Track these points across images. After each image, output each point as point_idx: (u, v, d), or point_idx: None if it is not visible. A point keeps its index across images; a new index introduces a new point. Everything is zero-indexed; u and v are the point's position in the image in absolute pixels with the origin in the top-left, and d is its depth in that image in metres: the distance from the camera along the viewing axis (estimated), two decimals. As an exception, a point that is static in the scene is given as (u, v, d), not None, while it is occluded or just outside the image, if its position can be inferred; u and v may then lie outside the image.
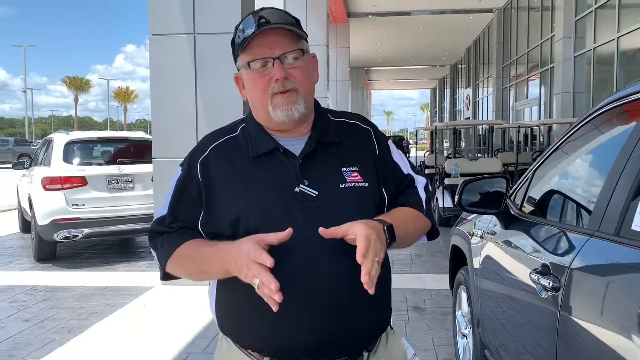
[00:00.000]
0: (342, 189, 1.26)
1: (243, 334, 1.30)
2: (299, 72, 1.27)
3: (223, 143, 1.34)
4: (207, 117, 5.17)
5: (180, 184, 1.34)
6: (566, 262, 1.65)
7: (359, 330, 1.28)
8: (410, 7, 20.75)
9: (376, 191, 1.31)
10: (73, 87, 77.19)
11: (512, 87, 20.83)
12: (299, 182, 1.25)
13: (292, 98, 1.25)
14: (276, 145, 1.29)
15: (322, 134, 1.32)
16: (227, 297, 1.32)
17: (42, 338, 3.96)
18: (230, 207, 1.26)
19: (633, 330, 1.28)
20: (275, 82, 1.24)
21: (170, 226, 1.33)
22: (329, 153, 1.30)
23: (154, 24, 5.24)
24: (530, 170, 2.45)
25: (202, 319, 4.26)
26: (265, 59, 1.25)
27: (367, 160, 1.33)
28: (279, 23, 1.23)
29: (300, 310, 1.21)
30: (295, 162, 1.27)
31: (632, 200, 1.46)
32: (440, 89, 45.27)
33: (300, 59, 1.27)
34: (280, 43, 1.25)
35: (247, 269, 1.11)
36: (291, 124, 1.29)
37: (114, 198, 6.55)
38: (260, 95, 1.27)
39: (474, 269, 2.75)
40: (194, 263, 1.29)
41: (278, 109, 1.25)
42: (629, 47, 10.89)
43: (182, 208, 1.32)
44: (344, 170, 1.29)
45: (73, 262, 6.63)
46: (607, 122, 1.93)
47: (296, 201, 1.24)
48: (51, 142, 7.04)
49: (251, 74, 1.27)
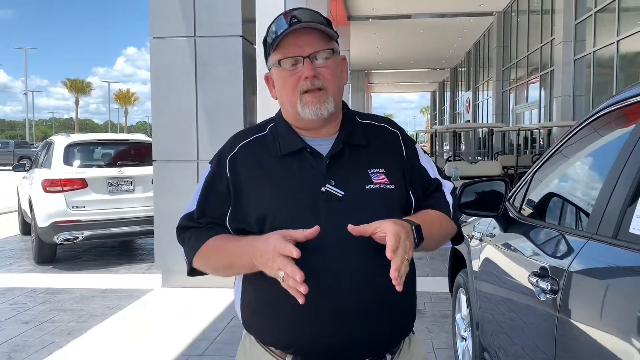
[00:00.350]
0: (368, 190, 1.27)
1: (267, 331, 1.31)
2: (329, 71, 1.28)
3: (251, 142, 1.36)
4: (208, 119, 5.18)
5: (209, 180, 1.36)
6: (564, 265, 1.65)
7: (383, 332, 1.27)
8: (411, 10, 20.79)
9: (403, 194, 1.31)
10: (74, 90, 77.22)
11: (512, 90, 20.85)
12: (325, 181, 1.26)
13: (322, 97, 1.27)
14: (304, 145, 1.30)
15: (350, 135, 1.33)
16: (252, 295, 1.33)
17: (42, 340, 3.96)
18: (257, 204, 1.27)
19: (631, 333, 1.28)
20: (305, 80, 1.26)
21: (198, 222, 1.35)
22: (355, 154, 1.31)
23: (155, 26, 5.25)
24: (529, 173, 2.45)
25: (202, 322, 4.26)
26: (295, 57, 1.26)
27: (394, 162, 1.34)
28: (310, 22, 1.25)
29: (324, 310, 1.21)
30: (322, 161, 1.28)
31: (630, 203, 1.47)
32: (441, 92, 45.30)
33: (331, 59, 1.29)
34: (311, 42, 1.26)
35: (272, 261, 1.11)
36: (319, 123, 1.30)
37: (114, 200, 6.55)
38: (289, 94, 1.29)
39: (473, 272, 2.76)
40: (221, 257, 1.30)
41: (307, 108, 1.27)
42: (629, 51, 10.91)
43: (210, 204, 1.34)
44: (371, 171, 1.29)
45: (73, 265, 6.63)
46: (606, 125, 1.93)
47: (322, 200, 1.24)
48: (52, 144, 7.05)
49: (281, 72, 1.29)
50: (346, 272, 1.21)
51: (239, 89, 5.14)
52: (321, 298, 1.20)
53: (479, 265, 2.65)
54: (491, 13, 21.72)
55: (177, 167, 5.22)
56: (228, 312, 4.50)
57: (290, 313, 1.20)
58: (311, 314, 1.20)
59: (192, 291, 5.10)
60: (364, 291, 1.22)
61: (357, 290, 1.22)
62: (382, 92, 60.87)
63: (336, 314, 1.22)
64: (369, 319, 1.24)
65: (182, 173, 5.19)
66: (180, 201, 5.49)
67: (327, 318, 1.22)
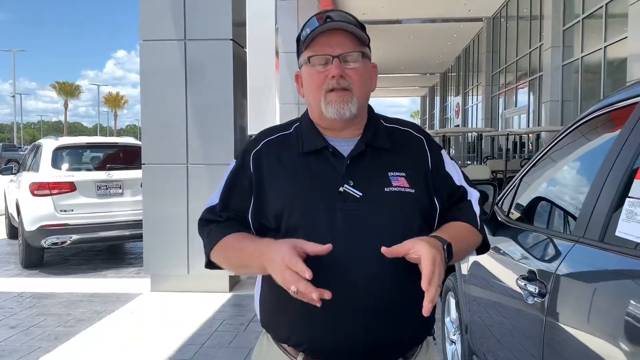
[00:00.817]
0: (386, 192, 1.27)
1: (281, 328, 1.31)
2: (356, 73, 1.29)
3: (276, 139, 1.38)
4: (197, 123, 5.16)
5: (233, 175, 1.37)
6: (552, 268, 1.66)
7: (399, 334, 1.27)
8: (401, 15, 20.91)
9: (424, 199, 1.30)
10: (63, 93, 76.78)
11: (501, 95, 21.00)
12: (344, 182, 1.26)
13: (346, 97, 1.28)
14: (326, 144, 1.32)
15: (373, 137, 1.34)
16: (269, 293, 1.33)
17: (29, 345, 3.92)
18: (276, 200, 1.28)
19: (618, 335, 1.29)
20: (331, 78, 1.27)
21: (220, 215, 1.36)
22: (377, 157, 1.32)
23: (145, 29, 5.23)
24: (517, 177, 2.47)
25: (191, 326, 4.24)
26: (325, 56, 1.28)
27: (417, 167, 1.33)
28: (342, 21, 1.28)
29: (337, 309, 1.20)
30: (343, 162, 1.29)
31: (616, 207, 1.48)
32: (431, 97, 45.53)
33: (360, 62, 1.31)
34: (342, 43, 1.29)
35: (281, 274, 1.11)
36: (342, 123, 1.31)
37: (103, 204, 6.50)
38: (315, 91, 1.30)
39: (462, 275, 2.77)
40: (237, 255, 1.30)
41: (330, 106, 1.28)
42: (616, 56, 11.03)
43: (234, 198, 1.35)
44: (391, 174, 1.29)
45: (61, 269, 6.57)
46: (593, 130, 1.95)
47: (339, 201, 1.25)
48: (40, 147, 6.99)
49: (310, 69, 1.31)
50: (361, 273, 1.21)
51: (229, 93, 5.13)
52: (335, 298, 1.18)
53: (468, 269, 2.66)
54: (480, 19, 21.90)
55: (166, 170, 5.19)
56: (217, 317, 4.48)
57: (304, 311, 1.19)
58: (325, 313, 1.19)
59: (181, 296, 5.07)
60: (379, 293, 1.22)
61: (372, 292, 1.22)
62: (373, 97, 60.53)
63: (350, 315, 1.22)
64: (382, 320, 1.24)
65: (171, 176, 5.17)
66: (170, 205, 5.48)
67: (340, 318, 1.22)
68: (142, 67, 5.26)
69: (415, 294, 1.21)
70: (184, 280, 5.16)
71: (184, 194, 5.13)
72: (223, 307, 4.72)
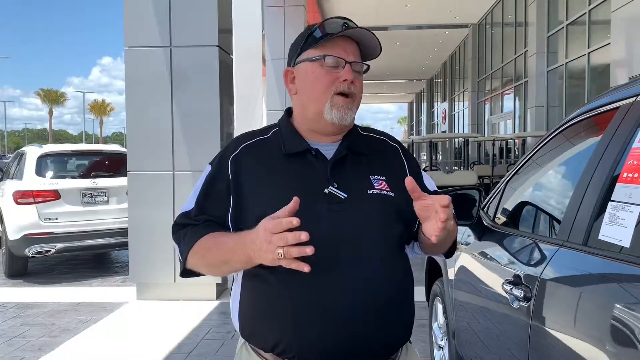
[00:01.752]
0: (370, 194, 1.29)
1: (265, 336, 1.28)
2: (359, 84, 1.34)
3: (255, 143, 1.37)
4: (183, 130, 5.13)
5: (210, 180, 1.36)
6: (537, 273, 1.67)
7: (385, 336, 1.27)
8: (388, 22, 21.02)
9: (403, 203, 1.29)
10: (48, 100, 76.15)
11: (487, 101, 21.16)
12: (328, 183, 1.28)
13: (351, 104, 1.32)
14: (308, 147, 1.33)
15: (353, 143, 1.36)
16: (249, 300, 1.31)
17: (12, 356, 3.85)
18: (258, 203, 1.27)
19: (602, 338, 1.29)
20: (343, 82, 1.29)
21: (196, 219, 1.34)
22: (358, 161, 1.34)
23: (130, 36, 5.20)
24: (503, 181, 2.48)
25: (177, 335, 4.20)
26: (339, 59, 1.30)
27: (395, 173, 1.37)
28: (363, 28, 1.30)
29: (325, 314, 1.20)
30: (326, 164, 1.30)
31: (599, 211, 1.49)
32: (417, 103, 45.77)
33: (362, 75, 1.36)
34: (355, 52, 1.33)
35: (267, 243, 1.09)
36: (336, 128, 1.33)
37: (88, 212, 6.44)
38: (320, 91, 1.30)
39: (449, 280, 2.77)
40: (216, 253, 1.27)
41: (335, 109, 1.30)
42: (599, 62, 11.17)
43: (210, 203, 1.34)
44: (372, 177, 1.32)
45: (45, 278, 6.48)
46: (577, 134, 1.97)
47: (325, 202, 1.25)
48: (23, 155, 6.92)
49: (318, 68, 1.31)
50: (346, 275, 1.21)
51: (216, 99, 5.11)
52: (322, 299, 1.20)
53: (455, 274, 2.66)
54: (466, 25, 22.08)
55: (152, 178, 5.16)
56: (203, 325, 4.44)
57: (287, 317, 1.20)
58: (310, 319, 1.19)
59: (167, 304, 5.02)
60: (363, 294, 1.22)
61: (357, 293, 1.22)
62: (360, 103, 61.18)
63: (336, 319, 1.21)
64: (369, 325, 1.23)
65: (157, 184, 5.13)
66: (156, 212, 5.44)
67: (326, 323, 1.21)
68: (128, 73, 5.23)
69: (399, 295, 1.21)
70: (170, 288, 5.12)
71: (169, 201, 5.09)
72: (210, 315, 4.69)
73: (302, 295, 1.20)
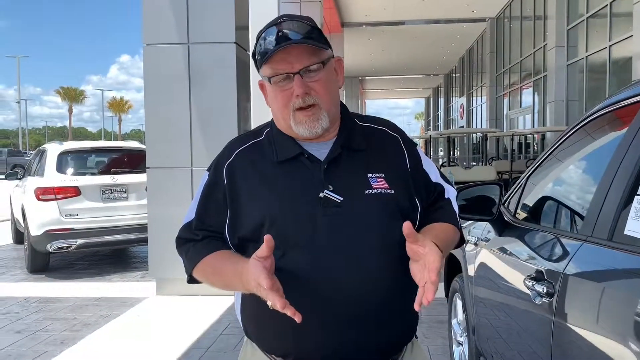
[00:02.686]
0: (367, 195, 1.24)
1: (267, 338, 1.29)
2: (320, 85, 1.24)
3: (248, 148, 1.34)
4: (201, 126, 5.16)
5: (207, 189, 1.34)
6: (560, 268, 1.64)
7: (384, 339, 1.26)
8: (404, 17, 20.89)
9: (404, 199, 1.28)
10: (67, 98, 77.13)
11: (505, 95, 20.95)
12: (323, 187, 1.23)
13: (315, 114, 1.24)
14: (301, 151, 1.28)
15: (348, 139, 1.30)
16: (251, 302, 1.30)
17: (35, 350, 3.92)
18: (254, 211, 1.25)
19: (627, 335, 1.27)
20: (296, 97, 1.22)
21: (196, 233, 1.33)
22: (354, 159, 1.29)
23: (148, 34, 5.24)
24: (524, 176, 2.45)
25: (196, 330, 4.23)
26: (285, 74, 1.23)
27: (395, 167, 1.31)
28: (298, 39, 1.20)
29: (324, 316, 1.20)
30: (320, 167, 1.26)
31: (624, 205, 1.46)
32: (435, 98, 45.47)
33: (322, 71, 1.25)
34: (300, 57, 1.22)
35: (257, 290, 1.10)
36: (315, 137, 1.27)
37: (107, 208, 6.52)
38: (281, 110, 1.26)
39: (469, 277, 2.75)
40: (218, 279, 1.29)
41: (300, 126, 1.24)
42: (621, 56, 10.99)
43: (209, 213, 1.32)
44: (370, 176, 1.27)
45: (66, 273, 6.58)
46: (600, 128, 1.93)
47: (320, 207, 1.22)
48: (45, 152, 7.01)
49: (272, 88, 1.26)
50: (346, 278, 1.19)
51: (233, 96, 5.13)
52: (321, 304, 1.18)
53: (475, 270, 2.64)
54: (484, 19, 21.85)
55: (171, 174, 5.20)
56: (222, 320, 4.47)
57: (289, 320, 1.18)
58: (311, 321, 1.18)
59: (186, 299, 5.06)
60: (364, 297, 1.21)
61: (358, 297, 1.20)
62: (377, 99, 61.03)
63: (336, 322, 1.20)
64: (370, 326, 1.22)
65: (176, 180, 5.17)
66: (175, 208, 5.49)
67: (328, 325, 1.20)
68: (146, 70, 5.27)
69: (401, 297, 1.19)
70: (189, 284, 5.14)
71: (188, 197, 5.13)
72: (228, 311, 4.72)
73: (301, 300, 1.18)
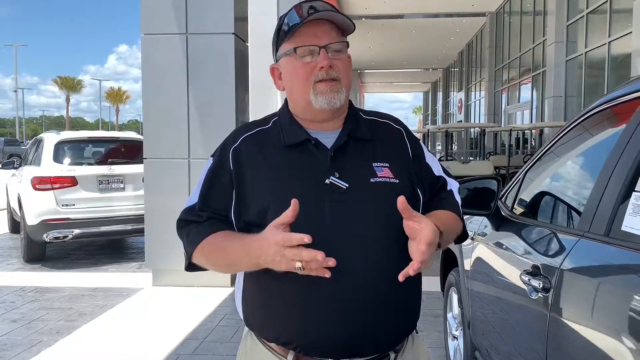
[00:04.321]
0: (372, 183, 1.26)
1: (269, 327, 1.28)
2: (342, 64, 1.29)
3: (255, 134, 1.35)
4: (199, 117, 5.15)
5: (212, 172, 1.34)
6: (556, 263, 1.65)
7: (387, 329, 1.26)
8: (403, 10, 20.84)
9: (408, 189, 1.29)
10: (65, 88, 76.79)
11: (504, 90, 20.94)
12: (329, 173, 1.25)
13: (335, 87, 1.27)
14: (308, 137, 1.29)
15: (354, 129, 1.32)
16: (254, 290, 1.31)
17: (30, 339, 3.92)
18: (260, 196, 1.25)
19: (623, 331, 1.28)
20: (320, 69, 1.25)
21: (199, 214, 1.32)
22: (360, 148, 1.31)
23: (147, 23, 5.21)
24: (522, 171, 2.45)
25: (193, 321, 4.24)
26: (311, 47, 1.26)
27: (399, 158, 1.33)
28: (329, 11, 1.25)
29: (328, 304, 1.20)
30: (327, 154, 1.27)
31: (622, 201, 1.46)
32: (433, 92, 45.44)
33: (344, 52, 1.30)
34: (327, 33, 1.27)
35: (280, 256, 1.10)
36: (329, 114, 1.29)
37: (104, 198, 6.50)
38: (302, 83, 1.28)
39: (465, 271, 2.75)
40: (221, 257, 1.27)
41: (320, 96, 1.26)
42: (620, 52, 10.98)
43: (213, 196, 1.32)
44: (375, 165, 1.29)
45: (63, 263, 6.57)
46: (598, 124, 1.93)
47: (326, 192, 1.23)
48: (41, 141, 6.99)
49: (294, 61, 1.28)
50: (351, 266, 1.19)
51: (231, 87, 5.11)
52: (325, 292, 1.18)
53: (471, 264, 2.64)
54: (484, 14, 21.81)
55: (168, 165, 5.18)
56: (218, 312, 4.47)
57: (293, 309, 1.19)
58: (314, 309, 1.19)
59: (183, 290, 5.07)
60: (368, 286, 1.21)
61: (362, 285, 1.20)
62: (375, 92, 60.97)
63: (340, 309, 1.20)
64: (374, 315, 1.22)
65: (173, 171, 5.16)
66: (171, 199, 5.48)
67: (331, 313, 1.20)
68: (144, 61, 5.25)
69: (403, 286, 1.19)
70: (185, 274, 5.10)
71: (185, 188, 5.12)
72: (224, 302, 4.72)
73: (305, 288, 1.19)
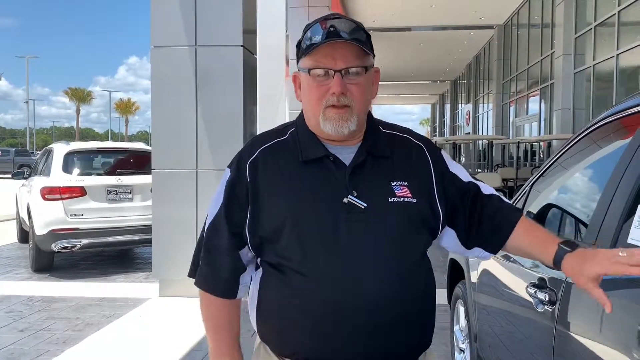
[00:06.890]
0: (390, 203, 1.23)
1: (283, 343, 1.28)
2: (357, 89, 1.24)
3: (272, 146, 1.32)
4: (207, 129, 5.18)
5: (229, 186, 1.32)
6: (563, 276, 1.63)
7: (401, 347, 1.25)
8: (411, 22, 20.91)
9: (426, 208, 1.27)
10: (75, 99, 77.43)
11: (512, 103, 20.91)
12: (347, 192, 1.22)
13: (345, 115, 1.22)
14: (326, 153, 1.26)
15: (373, 145, 1.29)
16: (267, 305, 1.30)
17: (37, 349, 3.93)
18: (276, 211, 1.24)
19: (630, 345, 1.27)
20: (332, 95, 1.22)
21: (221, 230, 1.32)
22: (378, 165, 1.28)
23: (156, 36, 5.27)
24: (528, 184, 2.44)
25: (199, 332, 4.23)
26: (327, 69, 1.22)
27: (418, 176, 1.30)
28: (349, 37, 1.20)
29: (341, 322, 1.19)
30: (345, 171, 1.25)
31: (628, 213, 1.46)
32: (441, 104, 45.43)
33: (362, 76, 1.24)
34: (345, 56, 1.22)
35: None
36: (340, 138, 1.26)
37: (112, 209, 6.54)
38: (314, 104, 1.25)
39: (472, 283, 2.74)
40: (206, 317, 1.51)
41: (328, 123, 1.23)
42: (629, 65, 10.95)
43: (234, 210, 1.30)
44: (394, 184, 1.26)
45: (70, 273, 6.59)
46: (605, 136, 1.93)
47: (344, 212, 1.21)
48: (51, 152, 7.05)
49: (310, 80, 1.25)
50: (365, 285, 1.19)
51: (239, 99, 5.15)
52: (339, 310, 1.18)
53: (478, 277, 2.63)
54: (492, 26, 21.84)
55: (176, 176, 5.21)
56: (225, 322, 4.46)
57: (306, 325, 1.18)
58: (328, 326, 1.18)
59: (189, 301, 5.06)
60: (383, 305, 1.20)
61: (377, 304, 1.19)
62: (383, 104, 61.02)
63: (354, 327, 1.19)
64: (387, 334, 1.21)
65: (181, 182, 5.18)
66: (179, 210, 5.49)
67: (345, 330, 1.20)
68: (153, 73, 5.30)
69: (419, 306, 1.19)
70: (192, 285, 5.12)
71: (193, 199, 5.14)
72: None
73: (319, 306, 1.19)
